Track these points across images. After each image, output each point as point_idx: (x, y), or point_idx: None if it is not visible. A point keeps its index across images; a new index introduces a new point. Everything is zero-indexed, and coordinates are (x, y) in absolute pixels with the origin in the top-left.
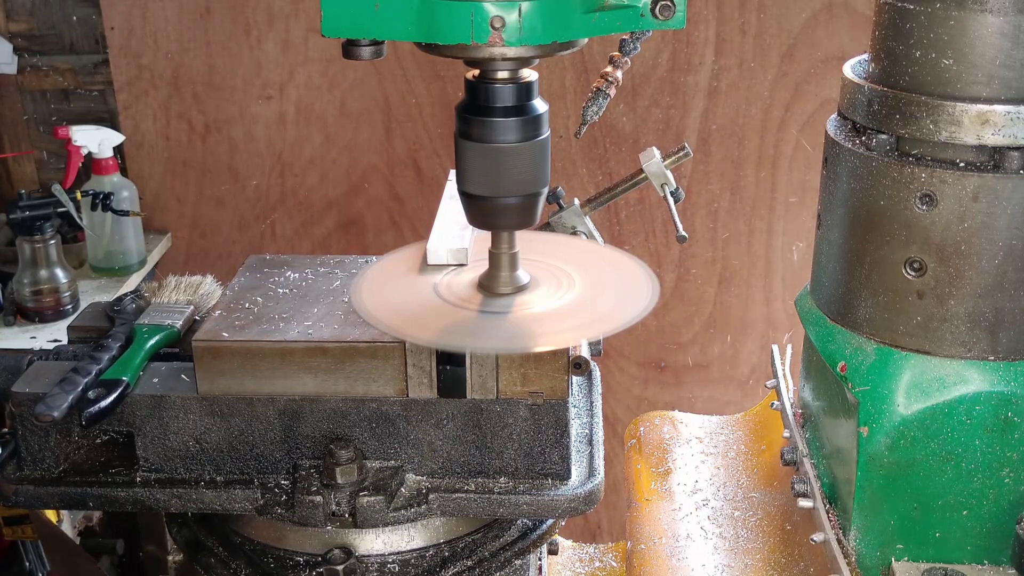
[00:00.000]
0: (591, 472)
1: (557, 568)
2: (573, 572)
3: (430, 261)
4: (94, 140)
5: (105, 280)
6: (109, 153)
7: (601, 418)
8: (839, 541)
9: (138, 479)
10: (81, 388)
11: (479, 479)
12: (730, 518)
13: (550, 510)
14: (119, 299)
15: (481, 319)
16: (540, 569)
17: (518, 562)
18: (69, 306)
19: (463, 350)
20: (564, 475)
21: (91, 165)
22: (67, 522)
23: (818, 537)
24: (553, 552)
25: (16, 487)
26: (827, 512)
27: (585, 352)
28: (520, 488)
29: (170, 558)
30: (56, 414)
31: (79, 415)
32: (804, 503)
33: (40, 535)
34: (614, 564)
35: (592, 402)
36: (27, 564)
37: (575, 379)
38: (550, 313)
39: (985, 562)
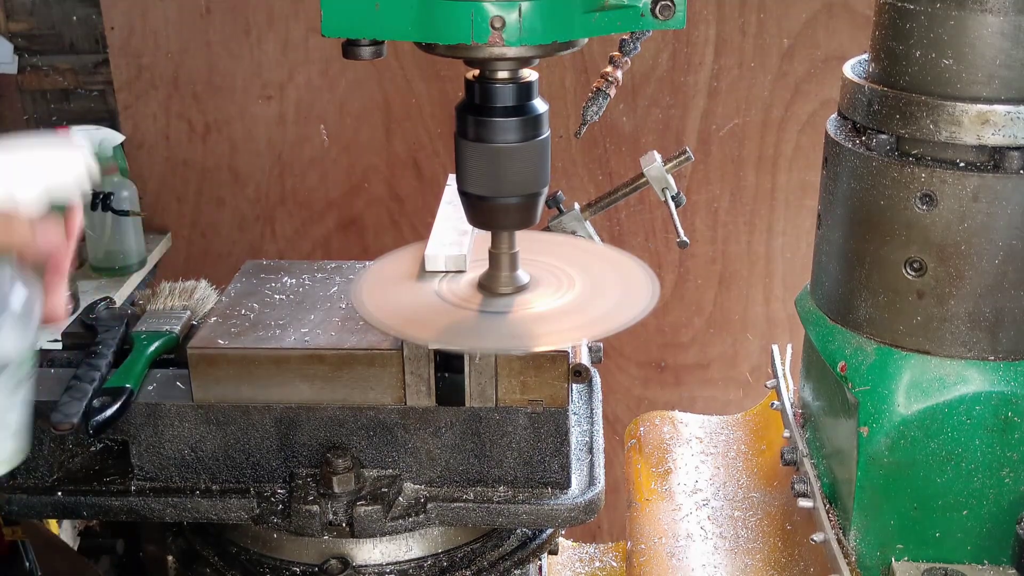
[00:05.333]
0: (591, 480)
1: (557, 568)
2: (573, 572)
3: (428, 268)
4: (94, 140)
5: (105, 280)
6: (109, 153)
7: (601, 425)
8: (839, 541)
9: (133, 488)
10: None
11: (478, 488)
12: (730, 518)
13: (550, 519)
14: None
15: (481, 319)
16: (540, 569)
17: (517, 572)
18: (69, 306)
19: (463, 350)
20: (564, 484)
21: None
22: (67, 522)
23: (818, 537)
24: (553, 552)
25: (9, 496)
26: (827, 512)
27: (585, 359)
28: (519, 497)
29: (170, 558)
30: (75, 421)
31: (86, 424)
32: (804, 503)
33: (31, 540)
34: (614, 564)
35: (592, 409)
36: (27, 564)
37: (575, 386)
38: (550, 313)
39: (985, 562)
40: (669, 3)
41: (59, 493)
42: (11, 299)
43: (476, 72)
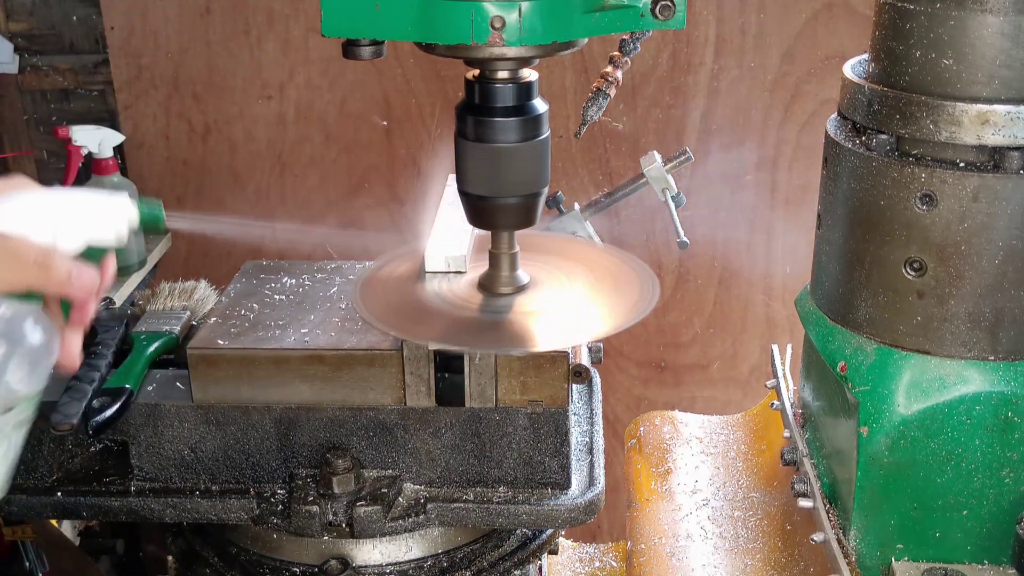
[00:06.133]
0: (591, 481)
1: (557, 568)
2: (573, 572)
3: (428, 268)
4: (94, 140)
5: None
6: (109, 153)
7: (601, 426)
8: (839, 541)
9: (132, 488)
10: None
11: (478, 489)
12: (730, 518)
13: (550, 520)
14: None
15: (481, 319)
16: (540, 569)
17: (517, 572)
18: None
19: (463, 350)
20: (564, 484)
21: (91, 165)
22: (67, 522)
23: (818, 537)
24: (553, 552)
25: (9, 496)
26: (827, 512)
27: (585, 359)
28: (519, 498)
29: (170, 558)
30: (75, 421)
31: (85, 424)
32: (804, 503)
33: (39, 537)
34: (614, 564)
35: (592, 409)
36: (27, 564)
37: (575, 387)
38: (550, 313)
39: (985, 562)
40: (669, 3)
41: (59, 493)
42: (29, 337)
43: (476, 72)
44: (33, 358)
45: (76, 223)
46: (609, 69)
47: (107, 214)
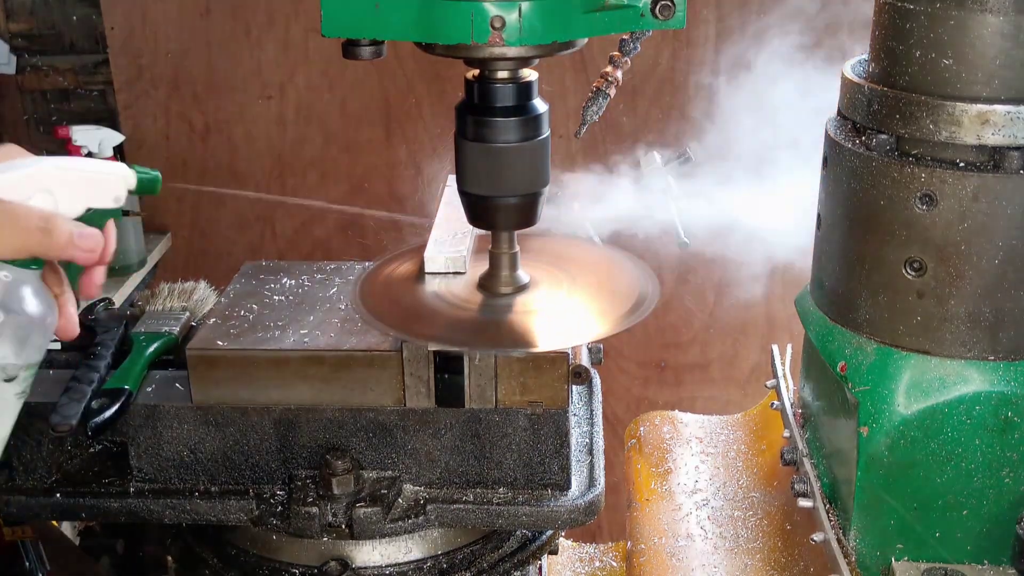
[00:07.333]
0: (591, 482)
1: (557, 568)
2: (573, 572)
3: (428, 269)
4: (94, 140)
5: (105, 280)
6: (109, 153)
7: (601, 427)
8: (839, 541)
9: (131, 489)
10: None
11: (478, 490)
12: (730, 518)
13: (549, 521)
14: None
15: (481, 319)
16: (540, 569)
17: (517, 573)
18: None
19: (463, 350)
20: (564, 485)
21: None
22: (67, 522)
23: (818, 537)
24: (553, 552)
25: (8, 497)
26: (827, 512)
27: (585, 360)
28: (519, 499)
29: (170, 559)
30: (74, 422)
31: (85, 425)
32: (804, 503)
33: (39, 537)
34: (614, 564)
35: (592, 410)
36: (27, 564)
37: (575, 387)
38: (550, 314)
39: (985, 562)
40: (669, 3)
41: (58, 495)
42: (27, 305)
43: (476, 72)
44: (30, 327)
45: (75, 188)
46: (609, 69)
47: (105, 178)
